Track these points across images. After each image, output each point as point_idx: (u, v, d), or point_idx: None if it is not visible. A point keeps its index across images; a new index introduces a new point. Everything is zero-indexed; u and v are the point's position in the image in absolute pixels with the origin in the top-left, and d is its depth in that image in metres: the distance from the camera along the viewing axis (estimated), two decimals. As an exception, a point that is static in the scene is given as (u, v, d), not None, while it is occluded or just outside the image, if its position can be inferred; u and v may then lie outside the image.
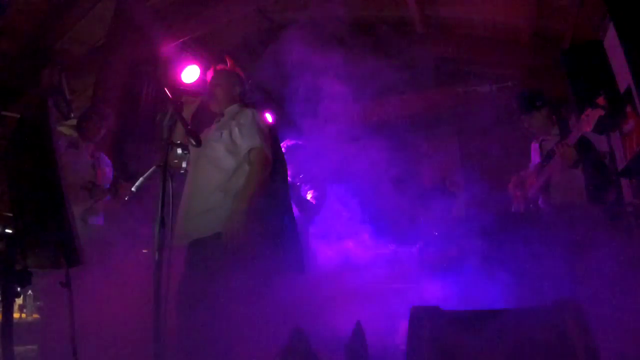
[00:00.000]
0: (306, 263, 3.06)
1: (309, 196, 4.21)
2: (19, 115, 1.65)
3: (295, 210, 3.40)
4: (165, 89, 2.61)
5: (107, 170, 4.10)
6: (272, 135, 3.04)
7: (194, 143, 2.37)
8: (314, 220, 4.28)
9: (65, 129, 3.99)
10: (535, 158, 4.01)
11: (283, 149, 3.54)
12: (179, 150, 2.32)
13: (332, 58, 4.26)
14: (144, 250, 3.58)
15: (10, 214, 1.61)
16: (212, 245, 2.65)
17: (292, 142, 4.27)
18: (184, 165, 2.38)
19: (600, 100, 3.14)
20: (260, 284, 2.61)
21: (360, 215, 4.79)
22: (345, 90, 4.97)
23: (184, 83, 3.54)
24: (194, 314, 2.54)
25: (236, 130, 2.89)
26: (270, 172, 2.91)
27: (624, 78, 3.78)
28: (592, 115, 3.14)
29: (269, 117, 4.30)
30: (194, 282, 2.64)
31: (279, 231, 2.86)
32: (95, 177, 3.92)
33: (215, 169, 2.83)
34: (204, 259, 2.65)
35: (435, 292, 4.02)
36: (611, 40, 3.86)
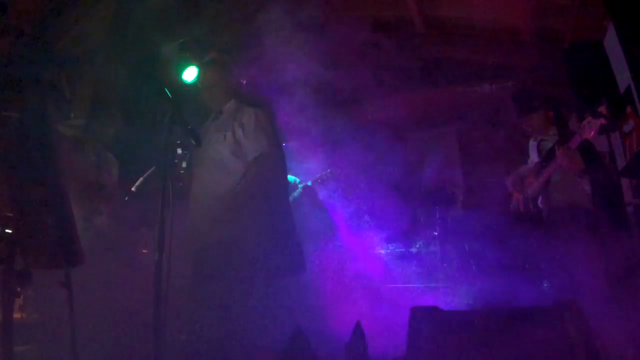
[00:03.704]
0: (306, 262, 3.05)
1: None
2: (19, 115, 1.65)
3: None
4: (166, 88, 2.60)
5: (113, 170, 4.09)
6: (275, 133, 2.99)
7: (194, 143, 2.36)
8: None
9: (65, 129, 3.98)
10: (534, 156, 4.01)
11: None
12: (179, 150, 2.32)
13: (331, 57, 4.26)
14: (144, 250, 3.58)
15: (10, 214, 1.61)
16: (221, 253, 2.64)
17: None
18: (184, 165, 2.37)
19: (603, 109, 3.15)
20: (265, 286, 2.60)
21: (360, 215, 4.79)
22: (345, 90, 4.97)
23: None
24: (202, 317, 2.53)
25: (240, 131, 2.83)
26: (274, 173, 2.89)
27: (624, 78, 3.78)
28: (594, 123, 3.14)
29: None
30: (202, 287, 2.62)
31: (282, 232, 2.84)
32: (100, 177, 3.91)
33: (223, 172, 2.79)
34: (213, 266, 2.63)
35: (435, 292, 4.02)
36: (611, 40, 3.85)
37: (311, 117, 4.28)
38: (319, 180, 4.62)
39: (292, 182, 4.62)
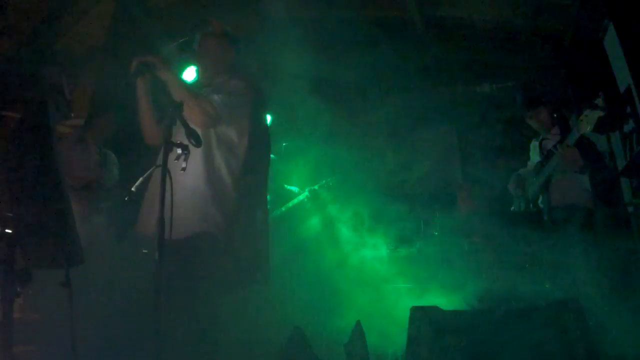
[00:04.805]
0: (270, 277, 2.82)
1: None
2: (19, 115, 1.65)
3: None
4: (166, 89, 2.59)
5: (114, 168, 4.09)
6: (252, 120, 2.81)
7: (194, 143, 2.34)
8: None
9: (65, 129, 3.99)
10: (535, 157, 4.01)
11: None
12: (179, 150, 2.30)
13: (330, 58, 4.26)
14: (144, 250, 3.58)
15: (10, 214, 1.61)
16: (192, 246, 2.53)
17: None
18: (183, 165, 2.35)
19: (600, 102, 3.14)
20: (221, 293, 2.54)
21: (360, 216, 4.79)
22: (344, 89, 4.97)
23: None
24: (183, 315, 2.47)
25: (214, 99, 2.64)
26: (253, 165, 2.77)
27: (624, 78, 3.79)
28: (591, 116, 3.13)
29: (267, 117, 4.29)
30: (178, 284, 2.44)
31: (247, 236, 2.70)
32: (100, 177, 3.91)
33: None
34: (185, 260, 2.48)
35: (435, 292, 4.02)
36: (611, 40, 3.86)
37: (310, 117, 4.28)
38: (324, 186, 4.65)
39: (295, 191, 4.63)
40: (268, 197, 3.20)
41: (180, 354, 2.40)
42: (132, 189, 2.40)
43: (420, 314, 2.34)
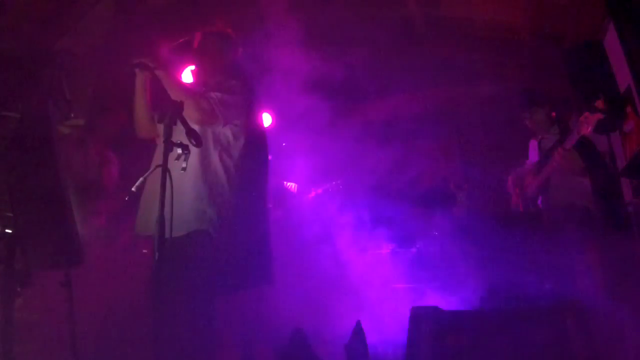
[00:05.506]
0: (274, 273, 2.80)
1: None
2: (19, 115, 1.65)
3: None
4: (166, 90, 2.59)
5: (114, 169, 4.09)
6: (247, 119, 2.80)
7: (194, 143, 2.35)
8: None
9: (65, 129, 3.98)
10: (534, 156, 4.01)
11: None
12: (179, 150, 2.30)
13: (330, 57, 4.26)
14: (144, 250, 3.58)
15: (10, 214, 1.61)
16: (188, 245, 2.52)
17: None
18: (183, 165, 2.35)
19: (599, 104, 3.14)
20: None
21: (360, 216, 4.79)
22: (343, 89, 4.96)
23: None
24: (182, 315, 2.45)
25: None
26: (248, 166, 2.76)
27: (624, 78, 3.78)
28: (591, 118, 3.13)
29: (267, 118, 4.30)
30: (176, 283, 2.37)
31: (249, 234, 2.69)
32: (100, 177, 3.91)
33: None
34: (181, 259, 2.43)
35: (435, 292, 4.02)
36: (611, 40, 3.86)
37: (309, 116, 4.28)
38: (328, 190, 4.67)
39: (294, 189, 4.64)
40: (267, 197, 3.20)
41: (180, 354, 2.40)
42: (132, 189, 2.40)
43: (420, 314, 2.34)
